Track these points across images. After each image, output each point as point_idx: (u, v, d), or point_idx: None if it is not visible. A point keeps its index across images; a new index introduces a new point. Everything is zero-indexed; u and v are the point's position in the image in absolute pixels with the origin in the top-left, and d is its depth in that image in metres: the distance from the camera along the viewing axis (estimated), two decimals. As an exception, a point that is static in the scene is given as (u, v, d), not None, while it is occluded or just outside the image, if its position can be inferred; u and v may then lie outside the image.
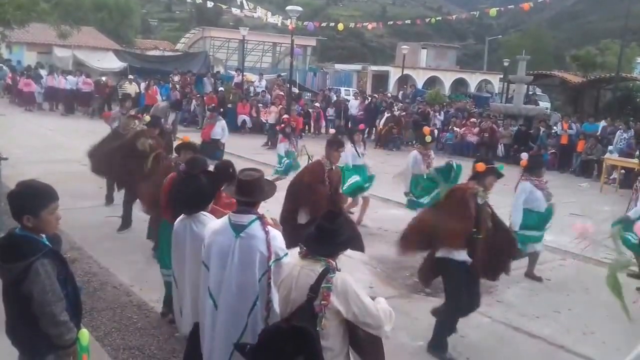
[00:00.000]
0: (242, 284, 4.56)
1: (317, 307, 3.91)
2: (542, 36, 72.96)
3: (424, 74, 58.47)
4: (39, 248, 4.00)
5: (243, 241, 4.56)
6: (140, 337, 6.81)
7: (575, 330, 7.89)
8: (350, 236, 4.32)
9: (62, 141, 20.82)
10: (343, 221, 4.26)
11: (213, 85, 33.59)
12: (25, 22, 19.09)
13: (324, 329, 3.92)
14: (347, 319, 4.02)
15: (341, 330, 4.09)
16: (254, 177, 4.71)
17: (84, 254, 9.44)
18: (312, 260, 4.08)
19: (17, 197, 4.05)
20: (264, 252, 4.53)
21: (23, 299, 3.94)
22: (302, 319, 3.91)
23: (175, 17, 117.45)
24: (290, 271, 4.17)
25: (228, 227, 4.65)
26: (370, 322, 4.02)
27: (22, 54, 39.67)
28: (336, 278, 3.96)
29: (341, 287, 3.95)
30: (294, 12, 26.72)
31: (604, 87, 38.27)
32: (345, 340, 4.17)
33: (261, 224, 4.62)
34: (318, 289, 3.92)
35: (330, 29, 55.77)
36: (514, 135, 24.66)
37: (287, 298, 4.13)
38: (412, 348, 7.03)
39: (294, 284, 4.08)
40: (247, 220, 4.61)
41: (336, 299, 3.93)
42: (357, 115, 29.31)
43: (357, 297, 3.98)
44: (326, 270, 3.98)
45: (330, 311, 3.93)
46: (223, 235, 4.65)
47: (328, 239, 4.11)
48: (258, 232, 4.58)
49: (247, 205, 4.68)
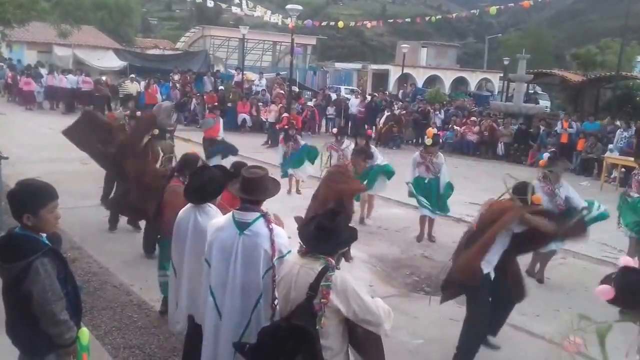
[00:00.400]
0: (245, 281, 4.56)
1: (317, 305, 3.91)
2: (542, 35, 72.84)
3: (424, 73, 58.41)
4: (38, 247, 4.00)
5: (247, 239, 4.56)
6: (140, 336, 6.83)
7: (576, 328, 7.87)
8: (350, 235, 4.31)
9: (62, 140, 20.72)
10: (343, 220, 4.27)
11: (213, 84, 33.58)
12: (26, 21, 19.08)
13: (324, 327, 3.92)
14: (347, 318, 4.02)
15: (341, 329, 4.10)
16: (258, 175, 4.70)
17: (84, 253, 9.45)
18: (312, 258, 4.09)
19: (17, 196, 4.05)
20: (268, 249, 4.52)
21: (23, 299, 3.95)
22: (301, 317, 3.92)
23: (175, 16, 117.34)
24: (290, 269, 4.18)
25: (232, 224, 4.64)
26: (371, 319, 4.02)
27: (23, 53, 39.64)
28: (335, 276, 3.96)
29: (341, 285, 3.95)
30: (294, 10, 26.70)
31: (604, 85, 38.26)
32: (345, 339, 4.17)
33: (265, 221, 4.61)
34: (317, 288, 3.92)
35: (330, 28, 55.84)
36: (514, 134, 24.67)
37: (287, 296, 4.14)
38: (411, 346, 7.04)
39: (293, 282, 4.09)
40: (251, 218, 4.60)
41: (336, 297, 3.93)
42: (357, 114, 29.32)
43: (356, 295, 3.98)
44: (325, 268, 3.98)
45: (330, 310, 3.93)
46: (226, 232, 4.64)
47: (328, 237, 4.12)
48: (262, 229, 4.57)
49: (251, 203, 4.67)
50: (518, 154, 23.96)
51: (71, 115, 30.01)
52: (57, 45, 38.62)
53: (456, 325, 7.53)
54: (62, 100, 32.04)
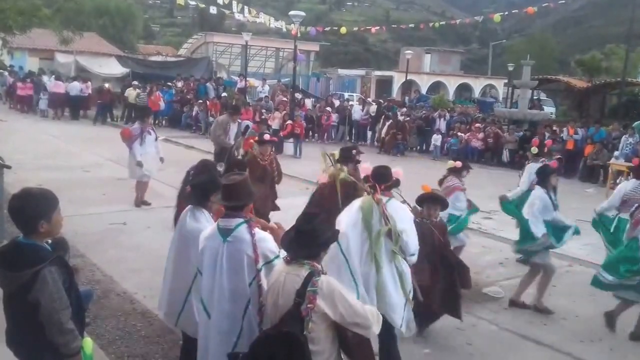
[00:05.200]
0: (232, 288, 4.58)
1: (304, 310, 3.92)
2: (546, 41, 73.03)
3: (428, 79, 58.55)
4: (46, 256, 3.98)
5: (230, 245, 4.59)
6: (144, 345, 6.76)
7: (583, 337, 7.81)
8: (330, 236, 4.31)
9: (64, 147, 20.80)
10: (319, 222, 4.26)
11: (216, 91, 33.57)
12: (27, 28, 19.07)
13: (312, 332, 3.94)
14: (335, 321, 4.03)
15: (330, 334, 4.11)
16: (237, 180, 4.73)
17: (88, 262, 9.38)
18: (297, 265, 4.11)
19: (31, 206, 3.99)
20: (251, 254, 4.55)
21: (29, 308, 3.90)
22: (290, 324, 3.94)
23: (177, 23, 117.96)
24: (277, 277, 4.19)
25: (216, 232, 4.68)
26: (359, 322, 4.04)
27: (24, 60, 39.67)
28: (322, 281, 3.98)
29: (327, 289, 3.97)
30: (297, 17, 26.76)
31: (609, 92, 38.23)
32: (335, 343, 4.18)
33: (247, 227, 4.63)
34: (304, 293, 3.93)
35: (333, 34, 56.04)
36: (518, 141, 24.58)
37: (276, 304, 4.15)
38: (419, 356, 6.95)
39: (280, 290, 4.10)
40: (233, 224, 4.63)
41: (322, 302, 3.94)
42: (360, 120, 29.29)
43: (343, 299, 4.01)
44: (311, 274, 4.00)
45: (317, 314, 3.95)
46: (212, 240, 4.68)
47: (308, 240, 4.14)
48: (244, 235, 4.59)
49: (234, 209, 4.69)
50: (523, 160, 23.84)
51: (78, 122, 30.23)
52: (59, 52, 38.59)
53: (463, 334, 7.49)
54: (68, 107, 32.15)
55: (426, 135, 27.75)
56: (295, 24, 27.32)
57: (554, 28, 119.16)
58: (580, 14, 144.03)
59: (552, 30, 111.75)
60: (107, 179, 15.20)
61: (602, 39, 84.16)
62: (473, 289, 8.26)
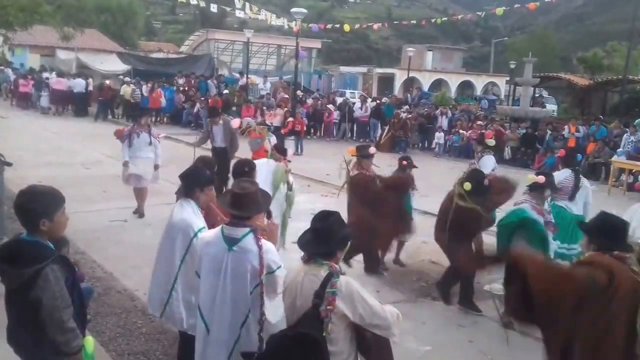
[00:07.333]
0: (234, 297, 4.56)
1: (323, 312, 3.89)
2: (548, 38, 72.86)
3: (430, 77, 58.46)
4: (48, 253, 3.96)
5: (235, 255, 4.54)
6: (145, 343, 6.76)
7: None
8: (346, 234, 4.25)
9: (65, 144, 20.79)
10: (335, 220, 4.21)
11: (217, 88, 33.53)
12: (28, 25, 19.13)
13: (331, 333, 3.90)
14: (354, 323, 4.00)
15: (348, 334, 4.07)
16: (247, 190, 4.66)
17: (88, 259, 9.38)
18: (315, 265, 4.07)
19: (32, 203, 3.99)
20: (256, 266, 4.51)
21: (30, 306, 3.88)
22: (308, 325, 3.90)
23: (179, 20, 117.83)
24: (294, 277, 4.15)
25: (221, 239, 4.61)
26: (379, 322, 4.01)
27: (25, 57, 39.74)
28: (340, 282, 3.95)
29: (346, 291, 3.94)
30: (298, 14, 26.73)
31: (611, 89, 38.17)
32: (353, 344, 4.14)
33: (254, 237, 4.58)
34: (323, 294, 3.90)
35: (335, 31, 55.90)
36: (520, 138, 24.55)
37: (293, 305, 4.12)
38: (419, 353, 6.93)
39: (298, 290, 4.07)
40: (240, 234, 4.57)
41: (342, 303, 3.92)
42: (360, 117, 29.28)
43: (362, 300, 3.98)
44: (330, 274, 3.97)
45: (337, 316, 3.92)
46: (215, 247, 4.63)
47: (323, 238, 4.10)
48: (251, 245, 4.54)
49: (241, 218, 4.63)
50: (525, 158, 23.85)
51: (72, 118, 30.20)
52: (60, 49, 38.67)
53: (464, 332, 7.46)
54: (71, 103, 32.19)
55: (428, 132, 27.72)
56: (297, 21, 27.29)
57: (556, 25, 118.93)
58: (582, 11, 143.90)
59: (554, 27, 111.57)
60: (108, 176, 15.15)
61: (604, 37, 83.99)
62: (474, 286, 8.24)
